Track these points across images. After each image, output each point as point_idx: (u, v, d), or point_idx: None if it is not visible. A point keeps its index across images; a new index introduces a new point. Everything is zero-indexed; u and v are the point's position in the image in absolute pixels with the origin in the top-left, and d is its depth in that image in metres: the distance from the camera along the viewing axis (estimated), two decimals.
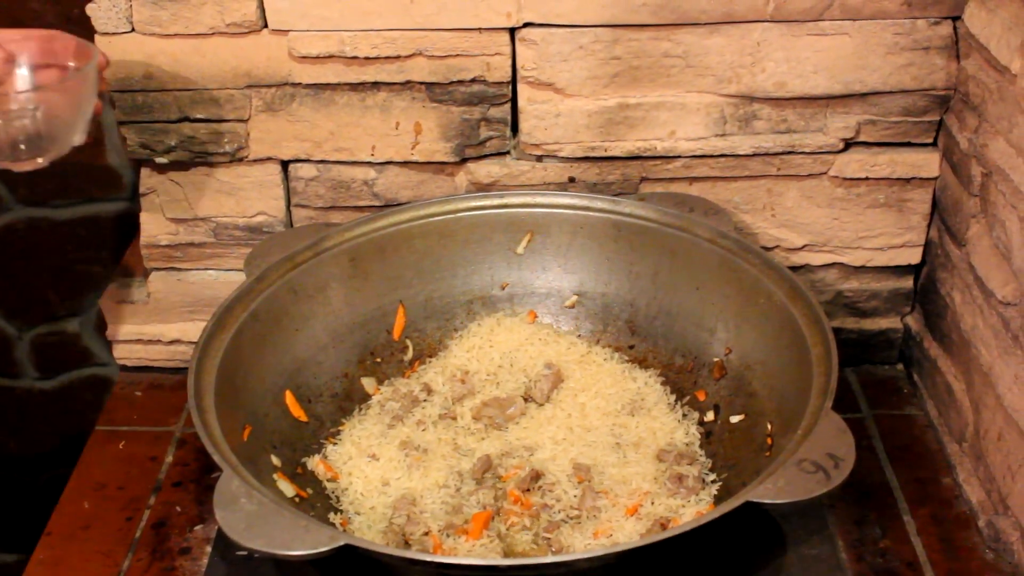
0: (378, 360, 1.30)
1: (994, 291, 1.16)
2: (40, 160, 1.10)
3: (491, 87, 1.28)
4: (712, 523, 0.96)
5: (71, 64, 1.12)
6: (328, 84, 1.27)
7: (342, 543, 0.92)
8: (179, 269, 1.39)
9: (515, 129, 1.32)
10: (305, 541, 0.92)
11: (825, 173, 1.31)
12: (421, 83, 1.27)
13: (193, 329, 1.38)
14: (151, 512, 1.23)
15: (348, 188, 1.33)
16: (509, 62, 1.27)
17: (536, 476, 1.16)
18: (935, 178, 1.31)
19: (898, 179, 1.31)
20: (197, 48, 1.26)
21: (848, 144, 1.30)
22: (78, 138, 1.11)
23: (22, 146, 1.08)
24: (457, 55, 1.25)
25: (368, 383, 1.28)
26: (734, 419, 1.20)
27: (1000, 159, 1.14)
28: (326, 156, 1.32)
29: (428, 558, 1.02)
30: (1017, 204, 1.10)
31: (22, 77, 1.12)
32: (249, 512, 0.95)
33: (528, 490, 1.15)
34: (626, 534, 1.10)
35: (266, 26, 1.25)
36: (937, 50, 1.25)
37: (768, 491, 0.96)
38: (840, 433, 1.01)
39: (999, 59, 1.14)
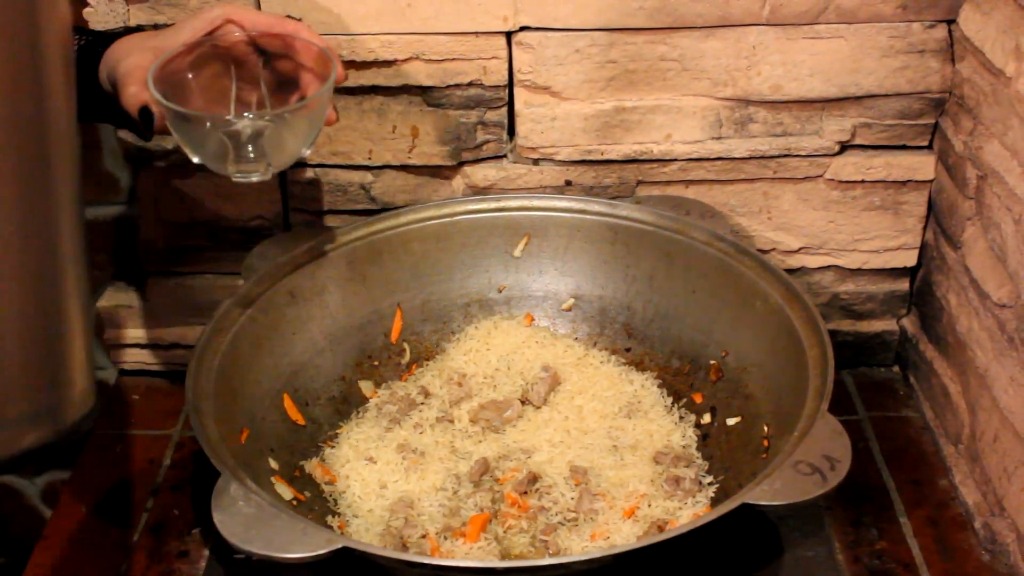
0: (375, 363, 1.30)
1: (989, 293, 1.16)
2: (264, 173, 1.05)
3: (488, 91, 1.28)
4: (709, 525, 0.96)
5: (308, 66, 1.09)
6: None
7: (339, 546, 0.93)
8: (177, 273, 1.39)
9: (512, 132, 1.32)
10: (303, 544, 0.93)
11: (821, 176, 1.32)
12: (418, 87, 1.28)
13: (191, 333, 1.39)
14: (149, 515, 1.23)
15: (345, 192, 1.34)
16: (506, 66, 1.27)
17: (533, 479, 1.16)
18: (931, 181, 1.31)
19: (894, 182, 1.32)
20: None
21: (844, 147, 1.31)
22: (307, 151, 1.08)
23: (249, 157, 1.04)
24: (454, 59, 1.26)
25: (365, 386, 1.28)
26: (731, 421, 1.20)
27: (995, 162, 1.14)
28: (323, 160, 1.32)
29: (425, 560, 1.02)
30: (1012, 206, 1.10)
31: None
32: (247, 515, 0.95)
33: (525, 492, 1.15)
34: (623, 536, 1.10)
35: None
36: (932, 53, 1.25)
37: (764, 493, 0.96)
38: (836, 435, 1.01)
39: (994, 62, 1.14)
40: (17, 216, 0.67)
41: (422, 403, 1.26)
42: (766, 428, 1.15)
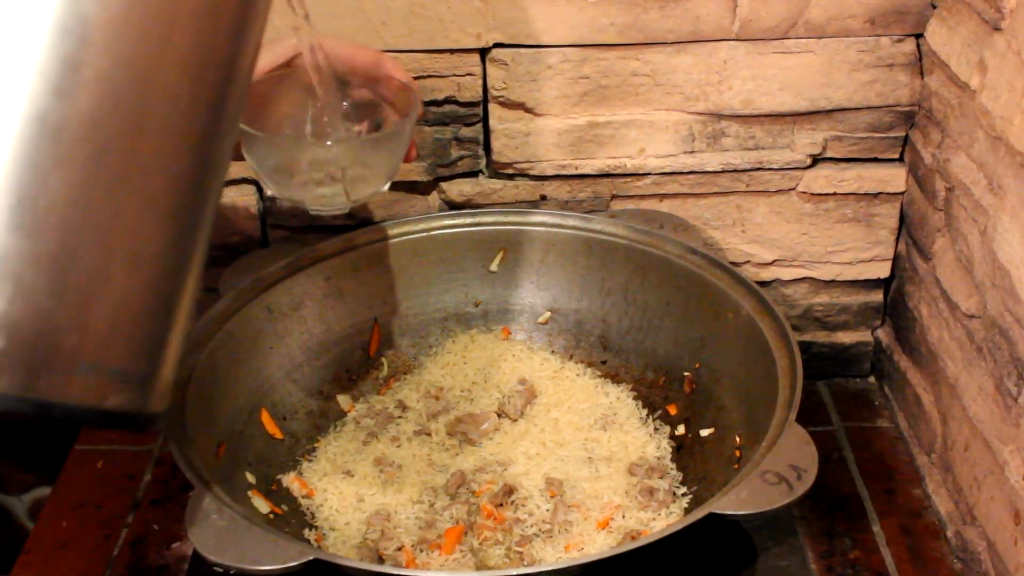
0: (353, 378, 1.31)
1: (959, 304, 1.17)
2: (343, 205, 1.05)
3: (462, 107, 1.29)
4: (681, 534, 0.97)
5: (388, 98, 1.07)
6: None
7: (311, 558, 0.93)
8: None
9: (487, 148, 1.33)
10: (275, 556, 0.93)
11: (793, 189, 1.33)
12: None
13: None
14: (129, 530, 1.24)
15: None
16: (480, 82, 1.28)
17: (509, 491, 1.17)
18: (902, 193, 1.33)
19: (865, 194, 1.33)
20: None
21: (815, 160, 1.32)
22: (385, 186, 1.08)
23: (329, 187, 1.03)
24: (428, 76, 1.27)
25: (343, 400, 1.29)
26: (704, 432, 1.21)
27: (962, 174, 1.16)
28: None
29: (397, 572, 1.03)
30: (978, 218, 1.12)
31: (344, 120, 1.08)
32: (220, 528, 0.96)
33: (501, 505, 1.16)
34: (597, 547, 1.11)
35: None
36: (901, 67, 1.27)
37: (731, 503, 0.97)
38: (803, 445, 1.02)
39: (959, 75, 1.16)
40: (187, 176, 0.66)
41: (399, 417, 1.27)
42: (738, 438, 1.16)
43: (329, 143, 1.03)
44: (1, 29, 0.59)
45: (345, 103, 1.10)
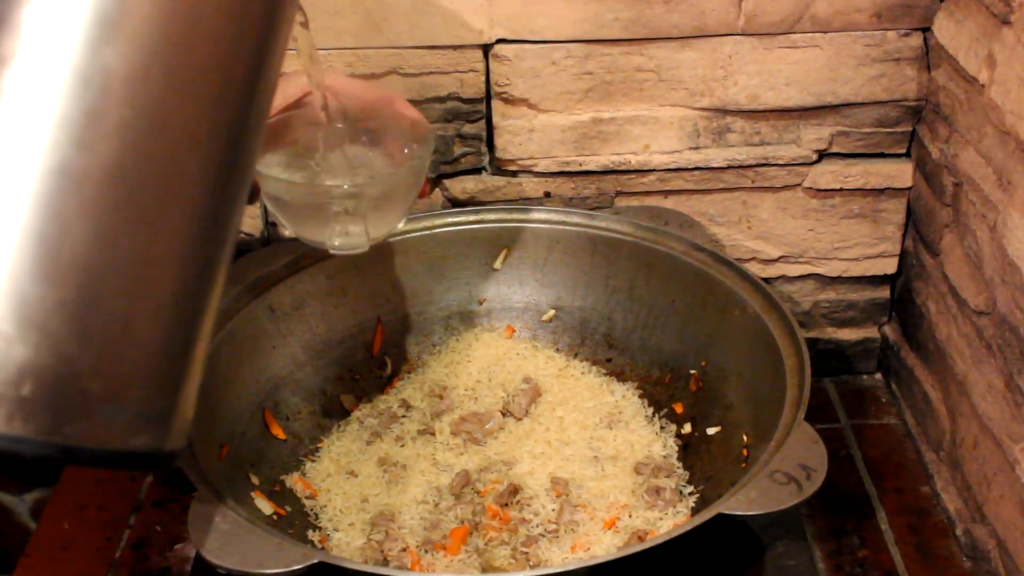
0: (356, 377, 1.30)
1: (967, 300, 1.16)
2: (365, 244, 1.05)
3: (465, 104, 1.28)
4: (688, 535, 0.96)
5: (401, 134, 1.07)
6: None
7: (316, 561, 0.92)
8: None
9: (490, 145, 1.32)
10: (279, 560, 0.92)
11: (799, 185, 1.32)
12: None
13: None
14: (131, 532, 1.23)
15: None
16: (483, 78, 1.27)
17: (514, 490, 1.16)
18: (909, 188, 1.32)
19: (872, 190, 1.32)
20: None
21: (822, 155, 1.31)
22: (401, 223, 1.07)
23: (349, 227, 1.03)
24: (431, 72, 1.26)
25: (347, 400, 1.28)
26: (711, 431, 1.21)
27: (970, 169, 1.15)
28: None
29: (402, 574, 1.02)
30: (987, 213, 1.11)
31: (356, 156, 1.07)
32: (223, 531, 0.95)
33: (506, 505, 1.15)
34: (604, 547, 1.10)
35: None
36: (908, 61, 1.26)
37: (740, 503, 0.96)
38: (812, 444, 1.01)
39: (967, 70, 1.15)
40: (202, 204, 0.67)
41: (403, 416, 1.26)
42: (745, 437, 1.15)
43: (347, 184, 1.03)
44: (23, 80, 0.59)
45: (358, 141, 1.10)
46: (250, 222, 1.34)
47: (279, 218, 1.03)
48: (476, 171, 1.34)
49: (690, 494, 1.16)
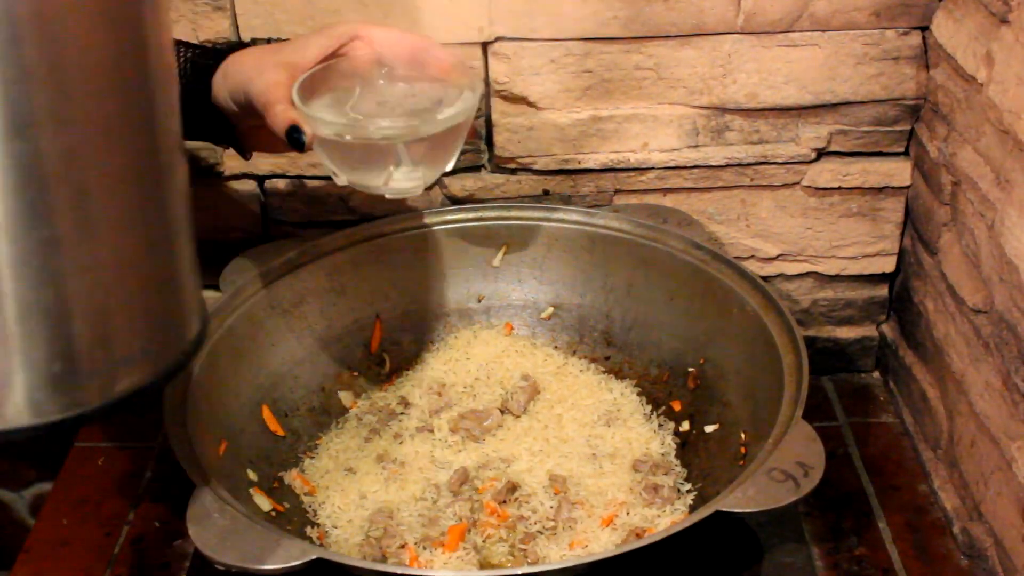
0: (355, 374, 1.31)
1: (965, 299, 1.17)
2: (419, 187, 1.04)
3: None
4: (686, 532, 0.96)
5: (441, 79, 1.07)
6: None
7: (314, 557, 0.92)
8: None
9: (489, 143, 1.32)
10: (277, 555, 0.93)
11: (798, 183, 1.32)
12: None
13: None
14: (130, 528, 1.23)
15: (324, 203, 1.34)
16: (481, 76, 1.27)
17: (512, 488, 1.16)
18: (907, 187, 1.32)
19: (870, 188, 1.32)
20: None
21: (820, 154, 1.31)
22: (451, 165, 1.07)
23: (404, 171, 1.03)
24: None
25: (345, 397, 1.29)
26: (709, 429, 1.21)
27: (968, 167, 1.15)
28: (301, 171, 1.32)
29: (400, 571, 1.02)
30: (985, 212, 1.11)
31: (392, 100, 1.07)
32: (221, 527, 0.95)
33: (504, 502, 1.15)
34: (601, 544, 1.10)
35: (240, 42, 1.26)
36: (906, 60, 1.26)
37: (738, 500, 0.96)
38: (810, 442, 1.01)
39: (966, 68, 1.15)
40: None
41: (402, 413, 1.26)
42: (743, 435, 1.15)
43: (402, 124, 1.02)
44: None
45: (402, 87, 1.09)
46: (249, 219, 1.35)
47: (330, 165, 1.03)
48: (475, 169, 1.34)
49: (688, 491, 1.16)
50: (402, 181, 1.04)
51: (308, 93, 1.03)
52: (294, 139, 1.00)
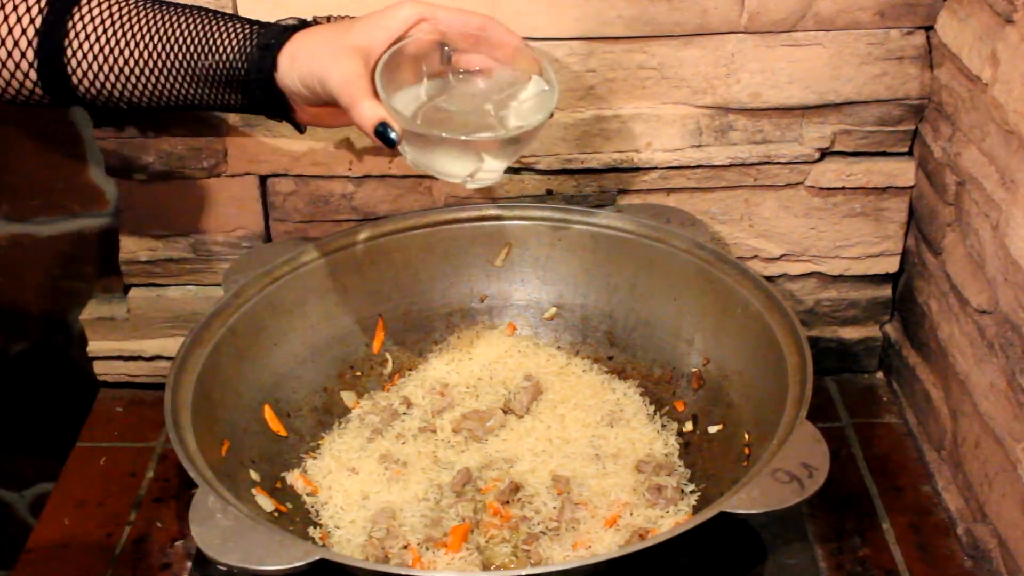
0: (357, 374, 1.30)
1: (969, 299, 1.16)
2: (499, 178, 1.06)
3: None
4: (690, 533, 0.96)
5: (505, 61, 1.07)
6: None
7: (317, 557, 0.92)
8: (159, 285, 1.39)
9: None
10: (280, 556, 0.92)
11: (801, 183, 1.32)
12: None
13: (173, 345, 1.38)
14: (132, 528, 1.23)
15: (326, 202, 1.34)
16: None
17: (515, 488, 1.16)
18: (911, 187, 1.32)
19: (874, 188, 1.32)
20: None
21: (824, 154, 1.31)
22: (531, 146, 1.07)
23: (488, 166, 1.04)
24: None
25: (347, 397, 1.28)
26: (712, 429, 1.21)
27: (973, 168, 1.15)
28: (304, 171, 1.32)
29: (403, 572, 1.02)
30: (990, 212, 1.11)
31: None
32: (224, 528, 0.95)
33: (507, 502, 1.15)
34: (605, 545, 1.10)
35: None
36: (911, 60, 1.26)
37: (742, 501, 0.96)
38: (814, 443, 1.01)
39: (970, 68, 1.14)
40: None
41: (404, 413, 1.26)
42: (747, 436, 1.15)
43: (499, 133, 1.03)
44: None
45: (477, 80, 1.09)
46: (251, 218, 1.34)
47: (410, 154, 1.03)
48: None
49: (691, 492, 1.16)
50: (486, 174, 1.05)
51: (389, 84, 1.02)
52: (384, 137, 0.99)
